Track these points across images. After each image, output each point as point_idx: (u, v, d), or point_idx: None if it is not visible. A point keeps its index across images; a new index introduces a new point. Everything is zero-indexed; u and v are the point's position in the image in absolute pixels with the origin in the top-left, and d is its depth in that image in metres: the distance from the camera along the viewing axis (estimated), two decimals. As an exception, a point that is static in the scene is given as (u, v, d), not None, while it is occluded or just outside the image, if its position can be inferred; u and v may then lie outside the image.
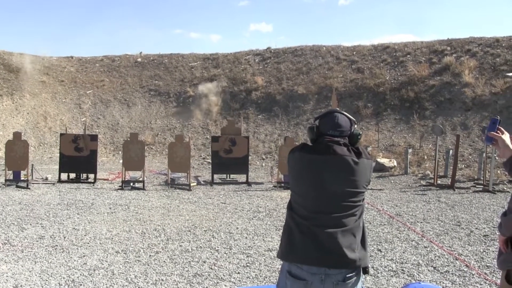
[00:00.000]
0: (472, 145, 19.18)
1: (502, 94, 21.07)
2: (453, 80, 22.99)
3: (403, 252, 8.46)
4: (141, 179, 15.49)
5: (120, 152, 21.14)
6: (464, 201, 13.68)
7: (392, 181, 17.17)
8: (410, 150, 19.03)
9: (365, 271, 3.55)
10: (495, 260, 7.11)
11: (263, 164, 21.12)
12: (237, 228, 10.20)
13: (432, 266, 7.68)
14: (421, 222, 10.91)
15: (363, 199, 3.59)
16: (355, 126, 3.65)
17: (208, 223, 10.58)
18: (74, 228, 9.89)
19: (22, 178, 15.35)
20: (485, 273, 7.33)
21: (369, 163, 3.56)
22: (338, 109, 3.75)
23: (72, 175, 16.36)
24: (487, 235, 9.73)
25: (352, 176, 3.46)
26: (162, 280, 6.91)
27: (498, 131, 3.52)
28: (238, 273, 7.28)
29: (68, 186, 15.31)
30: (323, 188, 3.45)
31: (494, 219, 11.23)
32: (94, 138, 16.71)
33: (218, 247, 8.70)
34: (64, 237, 9.18)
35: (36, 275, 7.03)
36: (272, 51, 30.59)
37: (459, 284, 6.92)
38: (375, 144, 20.97)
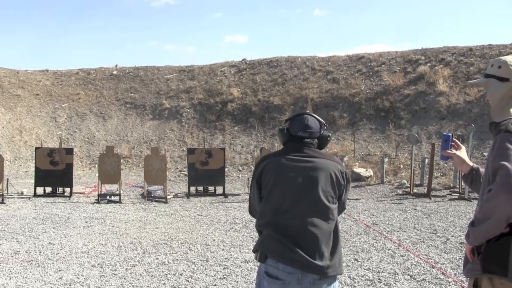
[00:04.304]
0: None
1: (476, 103, 21.25)
2: (428, 89, 23.16)
3: (380, 261, 8.49)
4: (117, 192, 15.43)
5: (96, 166, 21.00)
6: (440, 209, 13.76)
7: (369, 191, 17.23)
8: (386, 160, 19.11)
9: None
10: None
11: (240, 176, 21.11)
12: (214, 240, 10.19)
13: (408, 275, 7.72)
14: (398, 231, 10.96)
15: (336, 204, 3.64)
16: (325, 128, 3.70)
17: (185, 236, 10.56)
18: (49, 243, 9.82)
19: (-3, 193, 15.23)
20: (462, 281, 7.38)
21: (339, 166, 3.66)
22: (308, 111, 3.82)
23: (48, 189, 16.22)
24: (463, 242, 9.76)
25: (325, 179, 3.52)
26: (139, 293, 6.89)
27: (453, 147, 3.64)
28: (215, 285, 7.27)
29: (44, 200, 15.19)
30: (298, 191, 3.52)
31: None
32: (69, 151, 16.61)
33: (194, 259, 8.68)
34: (40, 252, 9.12)
35: (11, 290, 6.97)
36: (248, 62, 30.62)
37: (435, 292, 6.96)
38: (351, 154, 21.04)
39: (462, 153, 3.66)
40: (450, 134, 3.68)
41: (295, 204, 3.50)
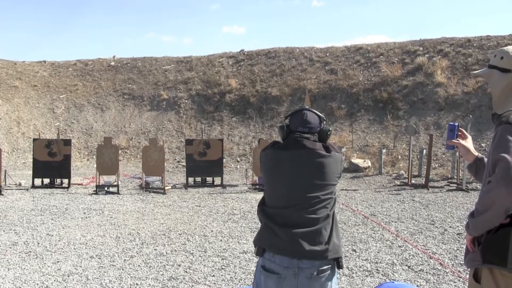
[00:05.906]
0: (445, 144, 19.29)
1: (474, 94, 21.25)
2: (426, 80, 23.14)
3: (378, 252, 8.49)
4: (115, 183, 15.42)
5: (94, 157, 20.97)
6: (438, 200, 13.77)
7: (367, 182, 17.24)
8: (384, 150, 19.11)
9: (339, 265, 3.58)
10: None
11: (238, 167, 21.11)
12: (212, 230, 10.19)
13: (406, 265, 7.73)
14: (396, 222, 10.97)
15: (335, 192, 3.63)
16: (324, 123, 3.70)
17: (183, 227, 10.55)
18: (48, 234, 9.82)
19: (-5, 184, 15.21)
20: (459, 271, 7.38)
21: (339, 156, 3.67)
22: (307, 107, 3.82)
23: (46, 181, 16.19)
24: (461, 233, 9.79)
25: (323, 169, 3.54)
26: (137, 284, 6.88)
27: (459, 137, 3.66)
28: (213, 276, 7.27)
29: (42, 191, 15.18)
30: (294, 182, 3.53)
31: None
32: (67, 143, 16.57)
33: (193, 250, 8.68)
34: (38, 243, 9.11)
35: (9, 282, 6.96)
36: (246, 53, 30.55)
37: (433, 282, 6.96)
38: (349, 145, 21.04)
39: (468, 142, 3.66)
40: (456, 124, 3.68)
41: (293, 197, 3.49)
